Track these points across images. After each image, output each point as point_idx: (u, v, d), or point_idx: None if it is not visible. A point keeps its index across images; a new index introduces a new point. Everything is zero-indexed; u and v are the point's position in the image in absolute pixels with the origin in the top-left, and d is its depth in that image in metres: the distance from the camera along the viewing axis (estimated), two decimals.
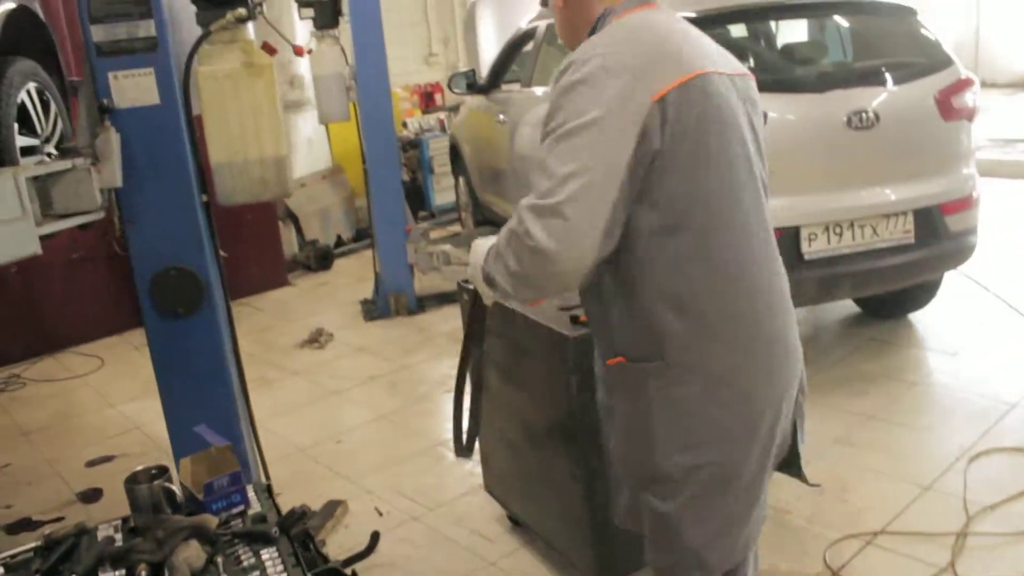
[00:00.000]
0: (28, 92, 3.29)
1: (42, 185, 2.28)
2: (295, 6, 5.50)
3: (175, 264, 2.56)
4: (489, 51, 7.69)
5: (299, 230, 7.55)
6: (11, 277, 5.50)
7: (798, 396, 1.80)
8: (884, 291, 4.56)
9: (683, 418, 1.63)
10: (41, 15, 3.38)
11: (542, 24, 5.57)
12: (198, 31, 2.54)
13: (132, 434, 4.53)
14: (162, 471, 1.92)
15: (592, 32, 1.66)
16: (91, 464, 4.22)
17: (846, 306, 5.19)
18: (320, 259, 7.37)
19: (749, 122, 1.69)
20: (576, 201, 1.45)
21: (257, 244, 6.75)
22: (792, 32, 5.43)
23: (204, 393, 2.70)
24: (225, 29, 2.47)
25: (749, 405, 1.65)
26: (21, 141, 3.18)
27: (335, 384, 4.94)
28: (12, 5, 3.08)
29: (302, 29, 6.48)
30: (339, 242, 7.87)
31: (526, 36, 5.93)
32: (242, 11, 2.45)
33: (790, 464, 1.86)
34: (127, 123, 2.44)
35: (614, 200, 1.48)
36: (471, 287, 2.62)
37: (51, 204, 2.30)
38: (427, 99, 9.87)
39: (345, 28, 5.55)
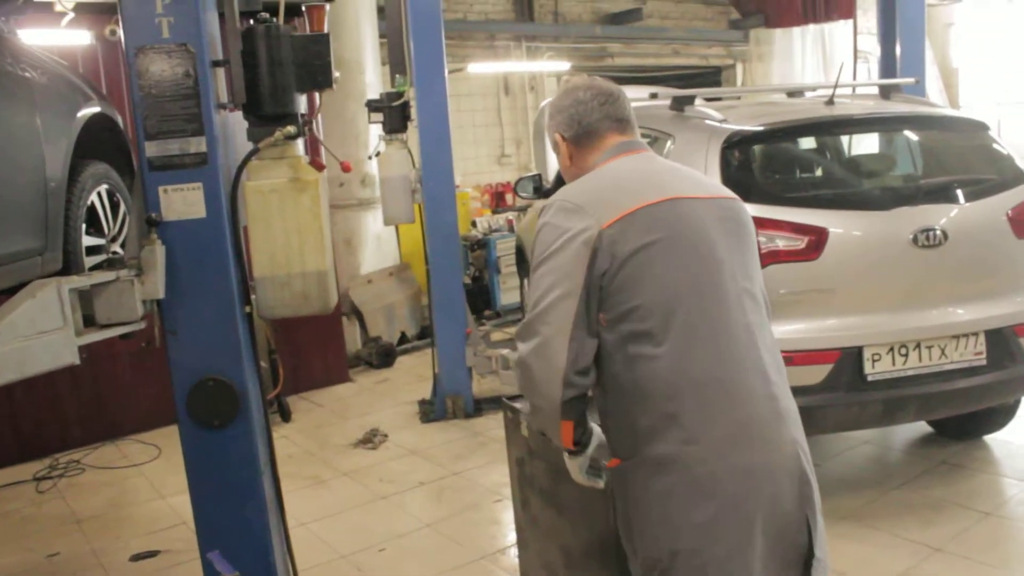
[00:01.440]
0: (99, 194, 3.42)
1: (85, 295, 2.32)
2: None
3: (213, 375, 2.57)
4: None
5: (363, 326, 7.60)
6: (81, 363, 5.62)
7: (805, 490, 1.86)
8: (953, 414, 4.35)
9: (663, 506, 1.80)
10: (119, 121, 3.53)
11: None
12: (250, 145, 2.59)
13: (179, 529, 4.51)
14: None
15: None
16: (135, 558, 4.21)
17: (917, 425, 4.96)
18: (382, 356, 7.39)
19: (730, 237, 1.92)
20: (545, 318, 1.79)
21: (320, 339, 6.81)
22: (863, 144, 5.36)
23: (236, 506, 2.67)
24: (275, 145, 2.52)
25: (726, 495, 1.77)
26: (87, 240, 3.29)
27: (384, 488, 4.88)
28: (92, 111, 3.22)
29: (373, 132, 6.64)
30: (403, 339, 7.90)
31: None
32: (291, 128, 2.50)
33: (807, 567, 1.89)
34: (174, 235, 2.48)
35: (576, 314, 1.77)
36: (517, 406, 2.62)
37: (93, 314, 2.33)
38: (498, 199, 9.99)
39: (413, 132, 5.67)
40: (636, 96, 5.69)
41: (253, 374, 2.69)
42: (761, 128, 3.94)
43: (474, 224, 9.22)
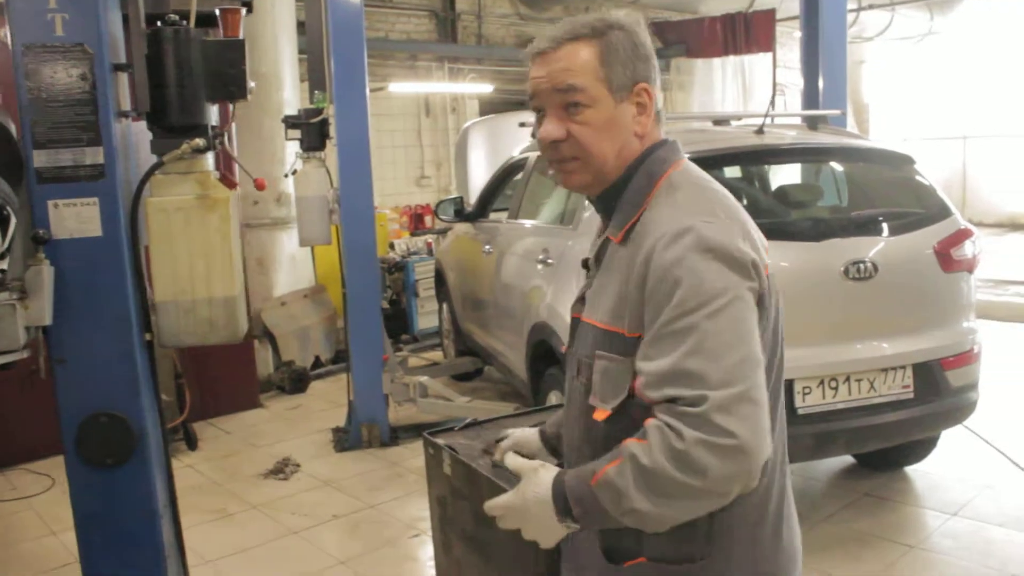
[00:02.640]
0: None
1: None
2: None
3: (106, 410, 2.32)
4: (479, 178, 7.64)
5: (276, 350, 7.31)
6: None
7: None
8: (881, 447, 4.34)
9: None
10: (11, 128, 3.25)
11: (532, 155, 5.48)
12: (154, 158, 2.36)
13: (71, 569, 4.17)
14: None
15: (630, 174, 1.57)
16: None
17: (840, 457, 4.94)
18: (295, 381, 7.10)
19: None
20: (759, 383, 1.38)
21: (229, 363, 6.49)
22: (784, 174, 5.36)
23: (130, 553, 2.42)
24: (181, 159, 2.30)
25: None
26: None
27: (295, 522, 4.61)
28: None
29: (291, 149, 6.41)
30: (317, 363, 7.63)
31: (516, 166, 5.84)
32: (200, 141, 2.28)
33: None
34: (65, 255, 2.24)
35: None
36: (438, 442, 2.39)
37: None
38: (416, 221, 9.81)
39: (332, 150, 5.47)
40: None
41: (152, 408, 2.44)
42: (686, 156, 3.86)
43: (392, 246, 9.01)
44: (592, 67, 1.51)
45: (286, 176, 5.85)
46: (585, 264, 1.72)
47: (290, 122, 5.35)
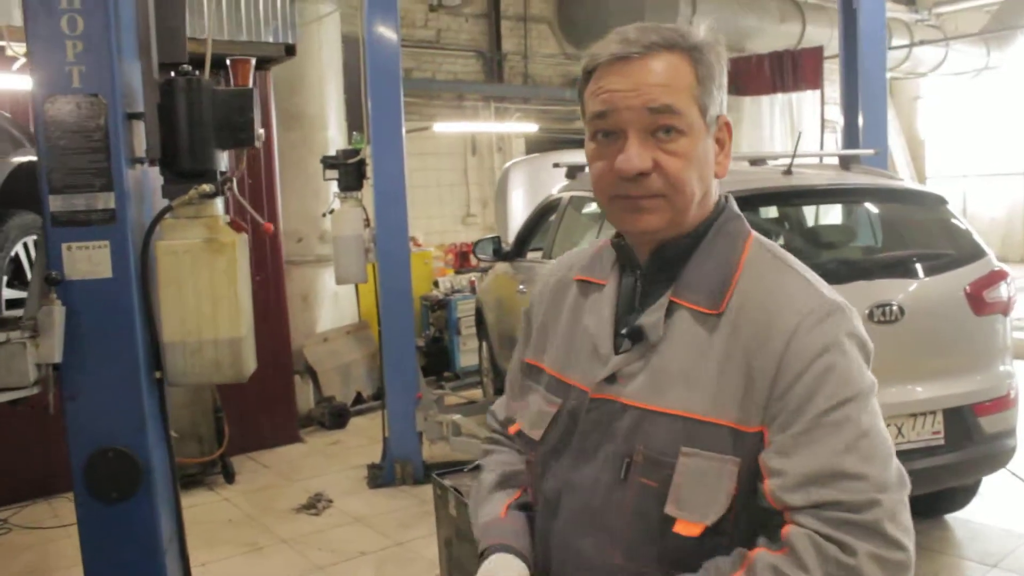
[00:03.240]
0: (25, 245, 3.27)
1: None
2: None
3: (113, 445, 2.39)
4: (518, 217, 7.70)
5: (317, 385, 7.41)
6: (14, 415, 5.39)
7: None
8: (911, 495, 4.23)
9: None
10: None
11: (566, 195, 5.52)
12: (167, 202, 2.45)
13: None
14: None
15: (706, 228, 1.33)
16: None
17: None
18: (335, 417, 7.19)
19: None
20: (907, 482, 1.23)
21: (270, 398, 6.61)
22: (828, 215, 5.32)
23: None
24: (189, 204, 2.38)
25: None
26: (8, 293, 3.13)
27: (323, 558, 4.66)
28: (23, 159, 3.09)
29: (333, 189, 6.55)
30: (359, 399, 7.71)
31: (551, 206, 5.88)
32: (207, 187, 2.36)
33: None
34: (76, 296, 2.33)
35: None
36: (445, 483, 2.39)
37: None
38: (461, 259, 9.89)
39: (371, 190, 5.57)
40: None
41: (160, 444, 2.51)
42: None
43: (436, 284, 9.09)
44: (690, 86, 1.26)
45: (324, 215, 5.97)
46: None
47: (328, 162, 5.47)
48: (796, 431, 1.18)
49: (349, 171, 5.37)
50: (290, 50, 6.10)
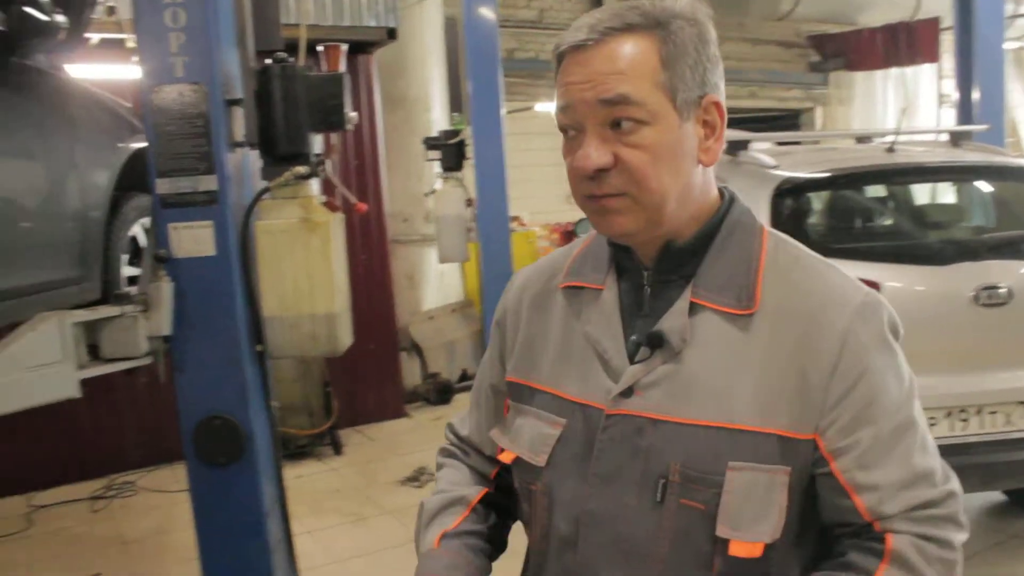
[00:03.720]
0: (142, 225, 3.48)
1: (91, 329, 2.33)
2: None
3: (219, 413, 2.55)
4: None
5: (423, 362, 7.59)
6: (142, 386, 5.74)
7: None
8: (1019, 487, 4.09)
9: None
10: None
11: None
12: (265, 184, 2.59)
13: None
14: None
15: (713, 226, 1.21)
16: None
17: (991, 494, 4.67)
18: (440, 393, 7.36)
19: None
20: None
21: (377, 373, 6.82)
22: (940, 194, 5.14)
23: (240, 545, 2.64)
24: (285, 185, 2.51)
25: None
26: (129, 271, 3.34)
27: None
28: (140, 145, 3.29)
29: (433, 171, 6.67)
30: (463, 376, 7.85)
31: None
32: (302, 169, 2.48)
33: None
34: (183, 272, 2.48)
35: None
36: None
37: (98, 348, 2.34)
38: (566, 238, 9.91)
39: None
40: None
41: (261, 414, 2.66)
42: (814, 175, 3.79)
43: None
44: (651, 70, 1.12)
45: (426, 195, 6.09)
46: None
47: (430, 143, 5.59)
48: (870, 439, 1.12)
49: (450, 152, 5.48)
50: (392, 33, 6.23)
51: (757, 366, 1.13)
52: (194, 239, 2.47)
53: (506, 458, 1.30)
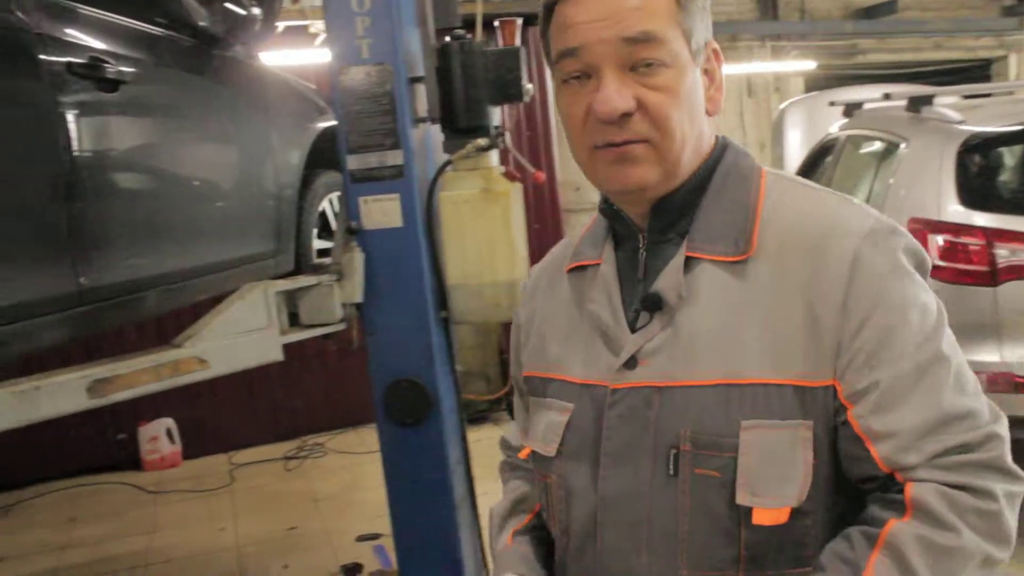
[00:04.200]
0: (330, 201, 3.70)
1: (290, 298, 2.52)
2: None
3: (407, 376, 2.70)
4: (795, 158, 7.46)
5: None
6: (331, 354, 6.09)
7: None
8: None
9: None
10: None
11: (843, 134, 5.31)
12: (446, 157, 2.70)
13: None
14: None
15: (708, 173, 1.14)
16: (360, 539, 4.48)
17: None
18: None
19: None
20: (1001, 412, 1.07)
21: None
22: None
23: (427, 500, 2.79)
24: (467, 157, 2.61)
25: None
26: (319, 244, 3.58)
27: None
28: (327, 124, 3.50)
29: None
30: None
31: (828, 145, 5.68)
32: (482, 141, 2.58)
33: None
34: (371, 243, 2.64)
35: None
36: None
37: (297, 315, 2.53)
38: None
39: None
40: (868, 96, 5.38)
41: (447, 377, 2.80)
42: (1005, 129, 3.59)
43: None
44: (669, 9, 1.05)
45: None
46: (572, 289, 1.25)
47: None
48: (889, 379, 1.00)
49: None
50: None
51: (762, 312, 1.04)
52: (382, 211, 2.61)
53: (524, 454, 1.26)
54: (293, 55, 5.59)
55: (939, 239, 3.55)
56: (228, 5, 2.94)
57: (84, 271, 2.30)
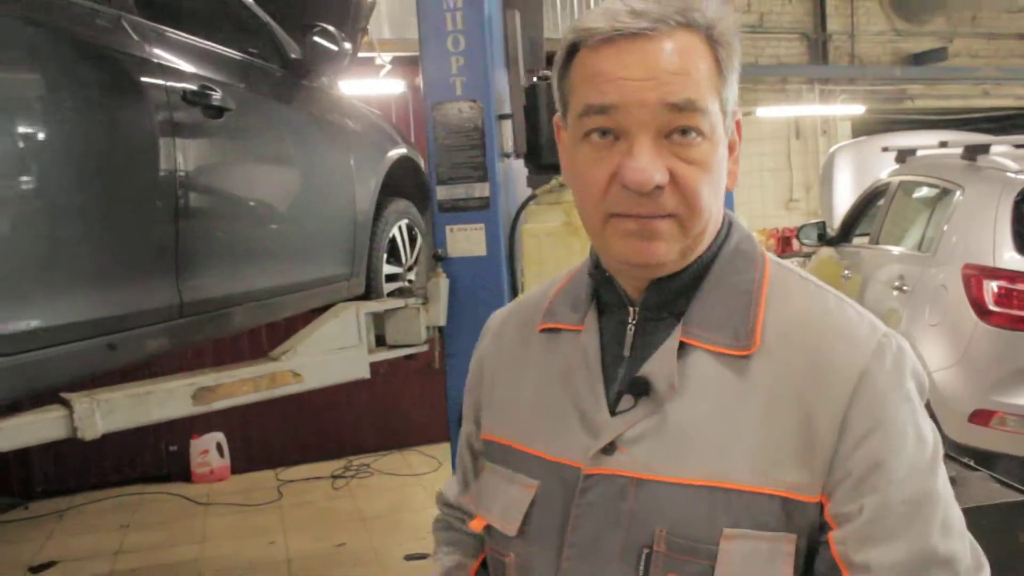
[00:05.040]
0: (399, 227, 3.84)
1: (378, 319, 2.64)
2: None
3: None
4: (843, 202, 7.52)
5: None
6: (378, 377, 6.21)
7: None
8: None
9: None
10: (420, 162, 3.94)
11: (896, 179, 5.39)
12: (528, 190, 2.83)
13: None
14: None
15: (715, 252, 1.05)
16: (408, 558, 4.58)
17: None
18: None
19: None
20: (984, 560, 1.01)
21: None
22: None
23: None
24: (550, 192, 2.73)
25: None
26: (387, 269, 3.72)
27: None
28: (398, 153, 3.65)
29: None
30: None
31: (880, 190, 5.75)
32: None
33: None
34: (456, 270, 2.76)
35: None
36: None
37: (384, 336, 2.65)
38: (784, 244, 9.78)
39: None
40: (922, 143, 5.45)
41: None
42: None
43: None
44: (711, 75, 0.97)
45: None
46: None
47: None
48: (876, 508, 0.93)
49: None
50: None
51: (758, 415, 0.96)
52: (467, 240, 2.74)
53: (477, 525, 1.14)
54: (358, 85, 5.77)
55: (994, 285, 3.62)
56: (319, 40, 3.10)
57: (185, 286, 2.45)
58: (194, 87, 2.48)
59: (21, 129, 1.90)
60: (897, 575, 0.91)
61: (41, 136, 1.95)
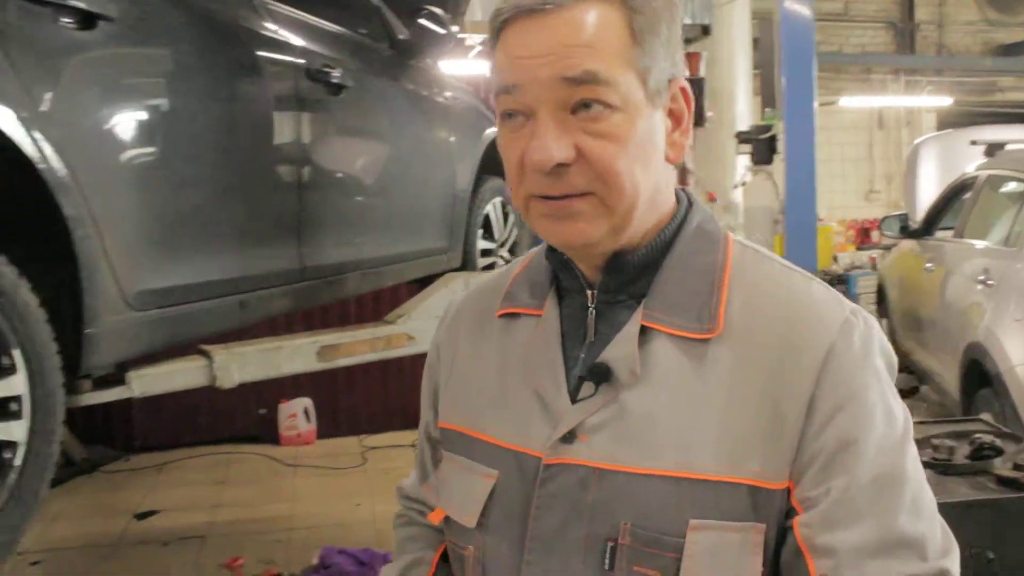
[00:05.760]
0: (494, 205, 4.01)
1: None
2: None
3: None
4: (927, 194, 7.47)
5: None
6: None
7: None
8: None
9: None
10: None
11: (983, 173, 5.37)
12: None
13: None
14: None
15: (670, 234, 1.01)
16: None
17: None
18: None
19: None
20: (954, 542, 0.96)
21: None
22: None
23: None
24: None
25: None
26: (482, 244, 3.89)
27: None
28: (493, 133, 3.81)
29: (739, 162, 6.85)
30: None
31: (966, 184, 5.74)
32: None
33: None
34: None
35: None
36: None
37: None
38: (863, 235, 9.74)
39: (778, 164, 5.82)
40: (1015, 137, 5.41)
41: None
42: None
43: (835, 259, 9.07)
44: (621, 45, 0.92)
45: (735, 187, 6.31)
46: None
47: (742, 137, 5.80)
48: (842, 489, 0.89)
49: (762, 145, 5.67)
50: (706, 30, 6.48)
51: (722, 400, 0.93)
52: None
53: (435, 518, 1.11)
54: (449, 65, 5.94)
55: None
56: (426, 22, 3.26)
57: (306, 252, 2.65)
58: (317, 65, 2.66)
59: (172, 106, 2.09)
60: (863, 557, 0.88)
61: (188, 112, 2.15)
